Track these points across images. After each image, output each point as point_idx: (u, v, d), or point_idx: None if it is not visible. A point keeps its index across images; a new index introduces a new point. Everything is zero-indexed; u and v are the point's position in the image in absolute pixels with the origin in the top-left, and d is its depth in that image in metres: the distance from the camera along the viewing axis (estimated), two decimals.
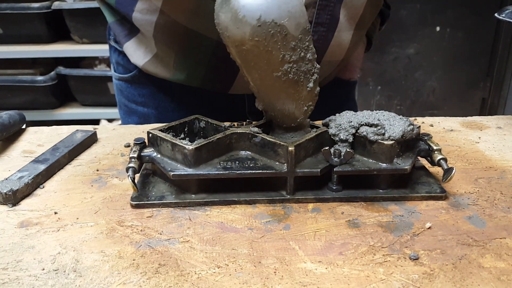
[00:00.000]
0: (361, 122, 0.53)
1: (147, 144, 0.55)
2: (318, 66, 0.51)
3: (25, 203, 0.52)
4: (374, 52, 2.25)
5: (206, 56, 0.69)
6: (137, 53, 0.75)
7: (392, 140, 0.51)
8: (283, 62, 0.48)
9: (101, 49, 1.90)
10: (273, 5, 0.45)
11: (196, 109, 0.63)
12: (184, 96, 0.79)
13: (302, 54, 0.48)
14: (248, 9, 0.45)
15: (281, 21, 0.45)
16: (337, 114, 0.56)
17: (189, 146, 0.50)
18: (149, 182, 0.55)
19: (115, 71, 0.85)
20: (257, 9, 0.45)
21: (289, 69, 0.49)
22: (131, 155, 0.52)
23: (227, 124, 0.58)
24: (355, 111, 0.56)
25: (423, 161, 0.59)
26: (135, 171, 0.51)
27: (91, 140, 0.68)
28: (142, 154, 0.54)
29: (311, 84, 0.51)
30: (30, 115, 1.95)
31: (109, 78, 1.93)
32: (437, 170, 0.57)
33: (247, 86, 0.72)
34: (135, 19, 0.69)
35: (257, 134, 0.53)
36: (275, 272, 0.40)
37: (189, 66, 0.72)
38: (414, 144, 0.55)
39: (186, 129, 0.59)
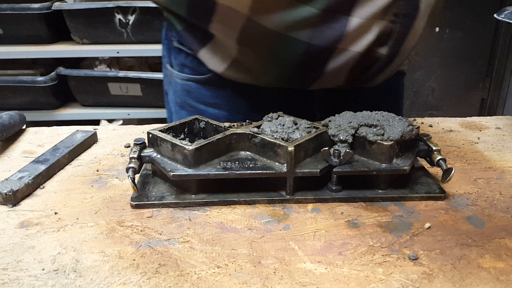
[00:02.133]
0: (361, 122, 0.53)
1: (147, 144, 0.55)
2: None
3: (25, 203, 0.52)
4: None
5: (296, 57, 0.70)
6: (214, 60, 0.74)
7: (391, 140, 0.51)
8: None
9: (101, 50, 1.90)
10: None
11: (268, 109, 0.64)
12: (259, 96, 0.79)
13: None
14: None
15: None
16: (336, 115, 0.56)
17: (189, 146, 0.50)
18: (149, 182, 0.55)
19: (180, 72, 0.84)
20: None
21: None
22: (131, 156, 0.52)
23: (227, 124, 0.58)
24: (402, 102, 0.57)
25: (423, 162, 0.59)
26: (135, 172, 0.51)
27: (91, 140, 0.68)
28: (142, 154, 0.54)
29: None
30: (30, 116, 1.95)
31: (109, 79, 1.93)
32: (436, 171, 0.57)
33: (327, 82, 0.74)
34: (214, 28, 0.69)
35: (257, 135, 0.53)
36: (274, 272, 0.40)
37: (277, 69, 0.73)
38: (414, 144, 0.55)
39: (186, 130, 0.59)
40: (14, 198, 0.51)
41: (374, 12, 0.65)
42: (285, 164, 0.51)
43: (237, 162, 0.52)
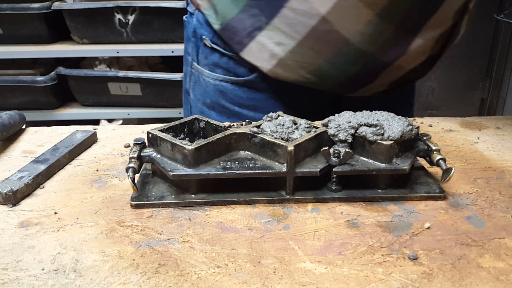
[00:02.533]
0: (360, 122, 0.53)
1: (147, 144, 0.56)
2: None
3: (25, 203, 0.52)
4: None
5: (356, 67, 0.70)
6: (263, 55, 0.72)
7: (391, 140, 0.51)
8: None
9: (101, 50, 1.90)
10: None
11: (302, 112, 0.63)
12: (295, 99, 0.79)
13: None
14: None
15: None
16: (336, 115, 0.56)
17: (188, 146, 0.50)
18: (149, 182, 0.55)
19: (211, 71, 0.81)
20: None
21: None
22: (131, 155, 0.52)
23: (226, 124, 0.58)
24: (413, 104, 0.60)
25: (422, 161, 0.59)
26: (135, 171, 0.51)
27: (91, 140, 0.68)
28: (142, 154, 0.54)
29: None
30: (30, 115, 1.95)
31: (109, 78, 1.92)
32: (436, 170, 0.57)
33: (370, 90, 0.76)
34: (281, 17, 0.67)
35: (257, 134, 0.53)
36: (274, 272, 0.40)
37: (331, 73, 0.72)
38: (413, 144, 0.55)
39: (185, 129, 0.59)
40: (14, 198, 0.51)
41: (434, 36, 0.69)
42: (285, 164, 0.51)
43: (237, 162, 0.52)
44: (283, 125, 0.55)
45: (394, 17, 0.65)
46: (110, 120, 2.06)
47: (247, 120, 0.59)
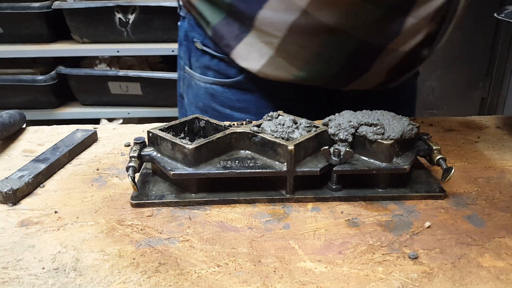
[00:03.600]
0: (361, 121, 0.53)
1: (147, 143, 0.56)
2: None
3: (25, 202, 0.52)
4: None
5: (345, 55, 0.69)
6: (251, 55, 0.72)
7: (391, 139, 0.51)
8: None
9: (101, 49, 1.90)
10: None
11: (296, 112, 0.63)
12: (287, 99, 0.78)
13: None
14: None
15: None
16: (336, 114, 0.56)
17: (189, 145, 0.50)
18: (149, 181, 0.55)
19: (202, 74, 0.82)
20: None
21: None
22: (131, 155, 0.52)
23: (227, 123, 0.58)
24: (416, 101, 0.58)
25: (423, 161, 0.59)
26: (135, 170, 0.51)
27: (91, 139, 0.68)
28: (142, 153, 0.54)
29: None
30: (30, 115, 1.95)
31: (110, 78, 1.93)
32: (436, 170, 0.57)
33: (367, 83, 0.74)
34: (261, 17, 0.67)
35: (257, 134, 0.53)
36: (274, 271, 0.40)
37: (322, 65, 0.71)
38: (414, 143, 0.55)
39: (186, 129, 0.59)
40: (14, 197, 0.51)
41: (428, 13, 0.66)
42: (285, 163, 0.51)
43: (237, 161, 0.52)
44: (283, 124, 0.55)
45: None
46: (110, 119, 2.06)
47: (247, 120, 0.59)
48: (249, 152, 0.54)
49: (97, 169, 0.60)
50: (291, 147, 0.50)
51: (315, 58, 0.70)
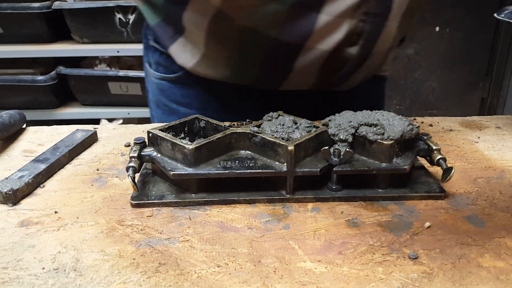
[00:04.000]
0: (361, 122, 0.53)
1: (147, 143, 0.56)
2: None
3: (25, 203, 0.52)
4: None
5: (263, 53, 0.70)
6: (184, 55, 0.75)
7: (391, 140, 0.51)
8: None
9: (101, 49, 1.90)
10: None
11: (238, 109, 0.64)
12: (229, 96, 0.79)
13: None
14: None
15: None
16: (336, 114, 0.56)
17: (189, 145, 0.50)
18: (149, 181, 0.55)
19: (155, 70, 0.85)
20: None
21: None
22: (131, 155, 0.52)
23: (227, 123, 0.58)
24: (383, 108, 0.57)
25: (423, 161, 0.59)
26: (135, 171, 0.51)
27: (92, 139, 0.68)
28: (142, 153, 0.54)
29: None
30: (30, 115, 1.95)
31: (110, 78, 1.93)
32: (436, 170, 0.57)
33: (299, 82, 0.74)
34: (186, 18, 0.69)
35: (257, 134, 0.53)
36: (274, 271, 0.40)
37: (243, 64, 0.73)
38: (414, 143, 0.55)
39: (186, 129, 0.59)
40: (14, 197, 0.51)
41: (343, 10, 0.64)
42: (285, 164, 0.51)
43: (237, 161, 0.52)
44: (283, 124, 0.55)
45: None
46: (110, 120, 2.06)
47: (247, 120, 0.59)
48: (249, 152, 0.54)
49: (97, 169, 0.60)
50: (291, 147, 0.50)
51: (236, 57, 0.72)
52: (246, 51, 0.70)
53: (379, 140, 0.51)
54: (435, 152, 0.54)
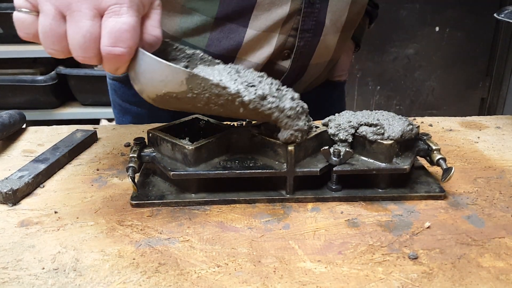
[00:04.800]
0: (361, 122, 0.53)
1: (147, 143, 0.56)
2: (233, 90, 0.46)
3: (25, 203, 0.52)
4: (373, 52, 2.25)
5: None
6: None
7: (391, 139, 0.51)
8: (201, 107, 0.47)
9: None
10: (147, 85, 0.46)
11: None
12: None
13: (207, 95, 0.46)
14: (140, 92, 0.48)
15: (162, 92, 0.46)
16: (336, 114, 0.56)
17: (189, 145, 0.50)
18: (149, 181, 0.55)
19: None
20: (141, 92, 0.48)
21: (210, 108, 0.47)
22: (131, 155, 0.52)
23: (227, 124, 0.58)
24: (343, 110, 0.57)
25: (422, 161, 0.59)
26: (135, 171, 0.51)
27: (91, 139, 0.68)
28: (142, 153, 0.54)
29: (241, 109, 0.47)
30: (30, 115, 1.95)
31: None
32: (436, 170, 0.57)
33: None
34: None
35: (257, 134, 0.53)
36: (274, 271, 0.40)
37: None
38: (413, 143, 0.55)
39: (186, 129, 0.59)
40: (14, 197, 0.51)
41: (269, 25, 0.66)
42: (285, 164, 0.51)
43: (237, 161, 0.52)
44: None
45: (202, 7, 0.65)
46: (110, 120, 2.06)
47: (247, 120, 0.59)
48: (249, 152, 0.54)
49: (97, 169, 0.60)
50: (291, 147, 0.50)
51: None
52: None
53: (379, 140, 0.51)
54: (435, 152, 0.54)
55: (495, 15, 0.74)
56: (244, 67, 0.53)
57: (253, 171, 0.50)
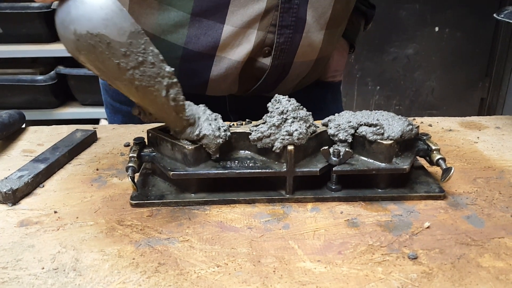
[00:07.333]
0: (360, 122, 0.53)
1: (146, 143, 0.56)
2: (168, 69, 0.47)
3: (25, 202, 0.52)
4: (373, 52, 2.25)
5: (174, 61, 0.69)
6: None
7: (391, 140, 0.51)
8: (122, 70, 0.44)
9: None
10: (84, 17, 0.41)
11: None
12: None
13: (140, 58, 0.44)
14: (64, 25, 0.43)
15: (97, 31, 0.41)
16: (336, 114, 0.56)
17: (188, 145, 0.50)
18: (149, 181, 0.55)
19: None
20: (70, 23, 0.42)
21: (131, 76, 0.45)
22: (130, 155, 0.52)
23: (227, 123, 0.58)
24: (340, 111, 0.57)
25: (422, 161, 0.59)
26: (134, 171, 0.51)
27: (91, 139, 0.68)
28: (141, 153, 0.54)
29: (163, 91, 0.46)
30: (30, 115, 1.95)
31: None
32: (436, 170, 0.57)
33: (221, 88, 0.73)
34: None
35: None
36: (274, 271, 0.40)
37: None
38: (413, 144, 0.55)
39: None
40: (14, 197, 0.51)
41: (245, 21, 0.65)
42: (284, 164, 0.51)
43: (236, 161, 0.52)
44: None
45: (178, 3, 0.65)
46: None
47: (247, 120, 0.59)
48: (249, 152, 0.54)
49: (97, 169, 0.60)
50: (290, 147, 0.50)
51: None
52: (164, 57, 0.71)
53: (378, 140, 0.51)
54: (434, 152, 0.54)
55: (494, 15, 0.74)
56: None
57: (252, 171, 0.51)
